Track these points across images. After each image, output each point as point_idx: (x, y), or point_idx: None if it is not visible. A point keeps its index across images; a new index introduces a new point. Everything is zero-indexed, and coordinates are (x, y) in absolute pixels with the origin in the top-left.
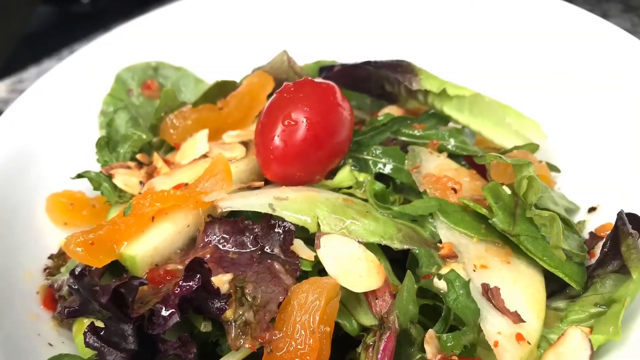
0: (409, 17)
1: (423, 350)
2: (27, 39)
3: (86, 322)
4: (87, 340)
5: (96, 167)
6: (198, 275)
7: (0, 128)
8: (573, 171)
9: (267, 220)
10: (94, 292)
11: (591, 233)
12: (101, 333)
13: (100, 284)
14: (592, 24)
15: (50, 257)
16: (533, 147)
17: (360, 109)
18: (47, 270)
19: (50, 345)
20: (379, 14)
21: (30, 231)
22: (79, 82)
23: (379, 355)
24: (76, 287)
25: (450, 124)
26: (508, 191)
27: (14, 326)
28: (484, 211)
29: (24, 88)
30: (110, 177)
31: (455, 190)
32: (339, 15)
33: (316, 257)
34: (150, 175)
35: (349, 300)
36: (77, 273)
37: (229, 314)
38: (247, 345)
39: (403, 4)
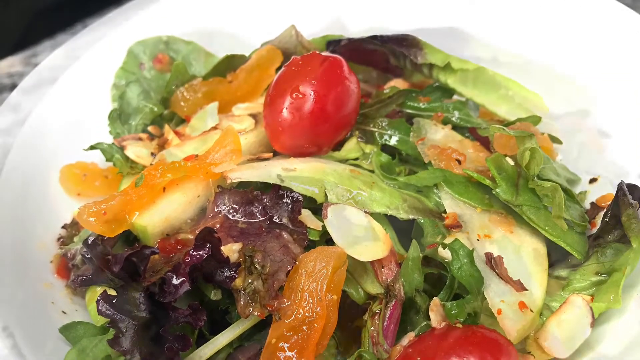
0: None
1: (428, 318)
2: (41, 13)
3: (99, 290)
4: (99, 308)
5: (109, 139)
6: (208, 245)
7: (15, 100)
8: (574, 143)
9: (275, 191)
10: (107, 261)
11: (592, 203)
12: (113, 301)
13: (113, 253)
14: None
15: (64, 226)
16: (535, 119)
17: (367, 82)
18: (61, 240)
19: (64, 312)
20: None
21: (43, 202)
22: (92, 55)
23: (385, 323)
24: (89, 256)
25: (455, 97)
26: (511, 162)
27: (29, 295)
28: (487, 182)
29: (38, 61)
30: (122, 148)
31: (459, 162)
32: None
33: (324, 226)
34: (161, 147)
35: (355, 269)
36: (90, 242)
37: (238, 282)
38: (256, 313)
39: None
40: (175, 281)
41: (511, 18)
